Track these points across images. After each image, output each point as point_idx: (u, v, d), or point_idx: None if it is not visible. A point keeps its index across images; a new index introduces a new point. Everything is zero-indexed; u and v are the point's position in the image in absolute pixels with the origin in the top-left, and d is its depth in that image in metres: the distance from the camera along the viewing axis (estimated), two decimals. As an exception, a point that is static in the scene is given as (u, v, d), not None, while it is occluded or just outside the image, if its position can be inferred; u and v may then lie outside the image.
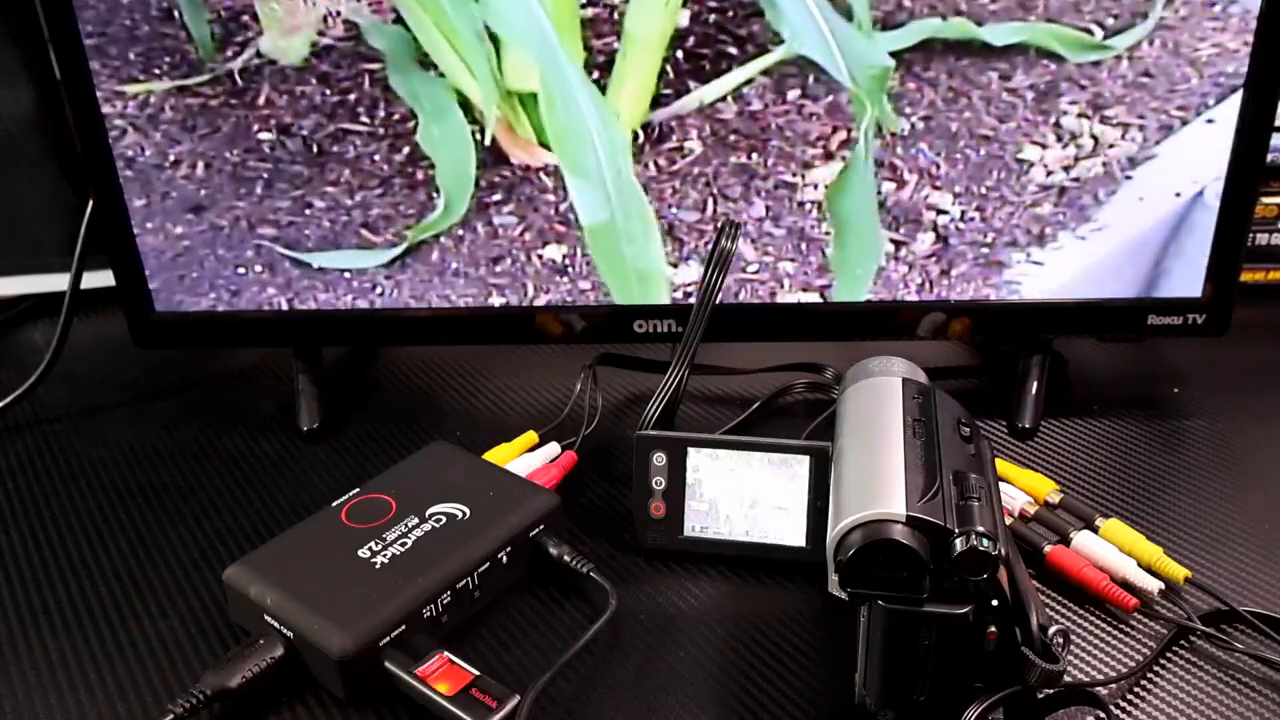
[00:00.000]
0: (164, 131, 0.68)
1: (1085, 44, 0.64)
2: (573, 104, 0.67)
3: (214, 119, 0.68)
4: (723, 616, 0.58)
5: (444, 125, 0.68)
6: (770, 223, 0.70)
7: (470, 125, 0.68)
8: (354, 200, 0.70)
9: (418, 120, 0.68)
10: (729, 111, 0.67)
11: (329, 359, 0.80)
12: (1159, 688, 0.53)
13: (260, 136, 0.68)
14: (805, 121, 0.67)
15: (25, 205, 0.87)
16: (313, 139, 0.68)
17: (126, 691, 0.54)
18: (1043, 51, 0.65)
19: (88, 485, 0.70)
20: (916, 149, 0.68)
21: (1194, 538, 0.63)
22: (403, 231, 0.71)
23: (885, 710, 0.47)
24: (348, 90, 0.67)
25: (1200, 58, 0.65)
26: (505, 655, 0.55)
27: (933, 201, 0.69)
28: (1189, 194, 0.68)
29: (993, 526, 0.45)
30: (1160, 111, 0.66)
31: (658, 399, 0.64)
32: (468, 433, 0.74)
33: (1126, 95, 0.66)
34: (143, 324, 0.73)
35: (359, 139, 0.68)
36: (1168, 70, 0.65)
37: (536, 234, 0.71)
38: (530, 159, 0.69)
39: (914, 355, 0.62)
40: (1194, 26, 0.64)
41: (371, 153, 0.69)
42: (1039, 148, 0.67)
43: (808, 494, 0.59)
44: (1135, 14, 0.64)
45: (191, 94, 0.67)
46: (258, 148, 0.69)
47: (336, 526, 0.58)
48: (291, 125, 0.68)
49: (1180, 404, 0.76)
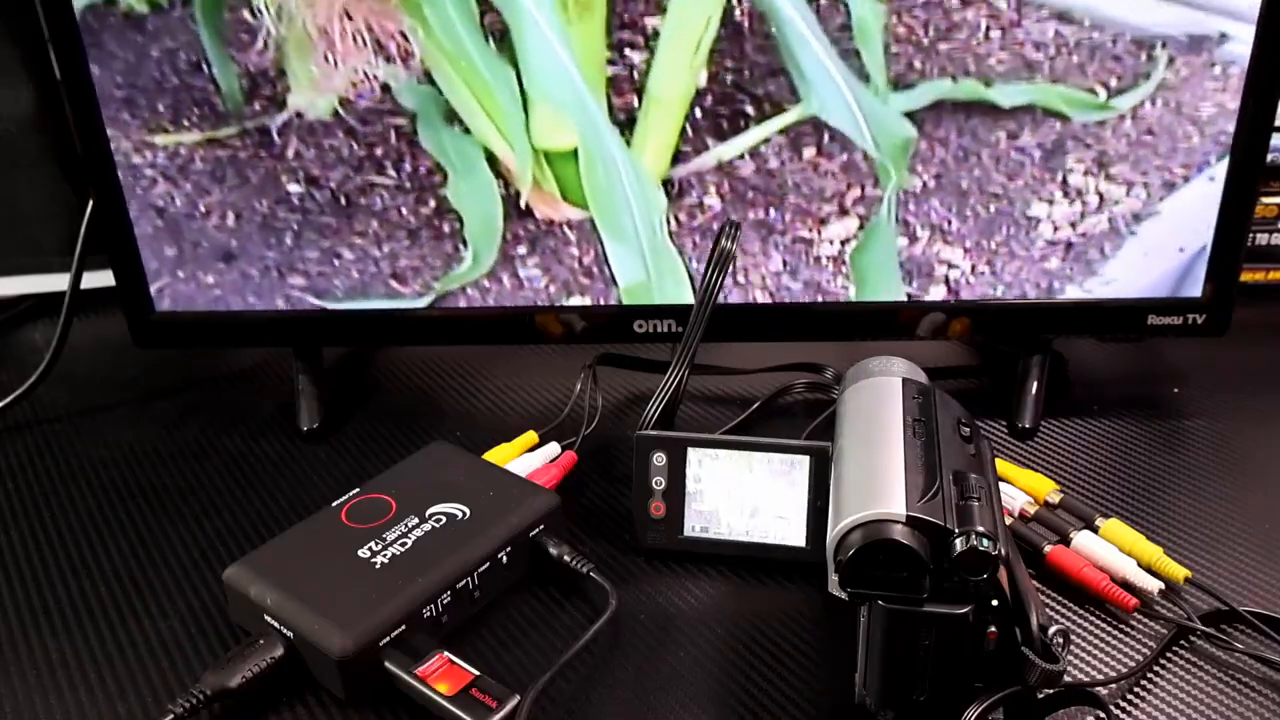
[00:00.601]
0: (194, 182, 0.69)
1: (1090, 104, 0.66)
2: (611, 166, 0.68)
3: (243, 170, 0.69)
4: (723, 616, 0.58)
5: (472, 181, 0.69)
6: (788, 276, 0.71)
7: (497, 179, 0.69)
8: (382, 251, 0.71)
9: (446, 175, 0.69)
10: (747, 168, 0.68)
11: (329, 359, 0.80)
12: (1159, 688, 0.53)
13: (289, 188, 0.69)
14: (821, 179, 0.68)
15: (25, 205, 0.87)
16: (341, 191, 0.69)
17: (126, 691, 0.54)
18: (1049, 111, 0.66)
19: (88, 485, 0.70)
20: (929, 205, 0.69)
21: (1194, 538, 0.63)
22: (430, 282, 0.72)
23: (885, 710, 0.47)
24: (374, 144, 0.68)
25: (1201, 116, 0.66)
26: (505, 655, 0.55)
27: (944, 256, 0.70)
28: (1192, 249, 0.69)
29: (993, 526, 0.45)
30: (1163, 169, 0.67)
31: (658, 399, 0.64)
32: (468, 433, 0.74)
33: (1130, 153, 0.67)
34: (143, 324, 0.73)
35: (386, 192, 0.69)
36: (1170, 129, 0.66)
37: (561, 285, 0.72)
38: (554, 214, 0.70)
39: (914, 355, 0.62)
40: (1195, 86, 0.65)
41: (399, 205, 0.70)
42: (1046, 204, 0.69)
43: (808, 494, 0.59)
44: (1138, 75, 0.65)
45: (221, 145, 0.68)
46: (287, 199, 0.70)
47: (336, 526, 0.58)
48: (319, 177, 0.69)
49: (1180, 404, 0.76)
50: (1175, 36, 0.64)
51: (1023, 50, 0.64)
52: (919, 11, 0.63)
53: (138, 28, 0.65)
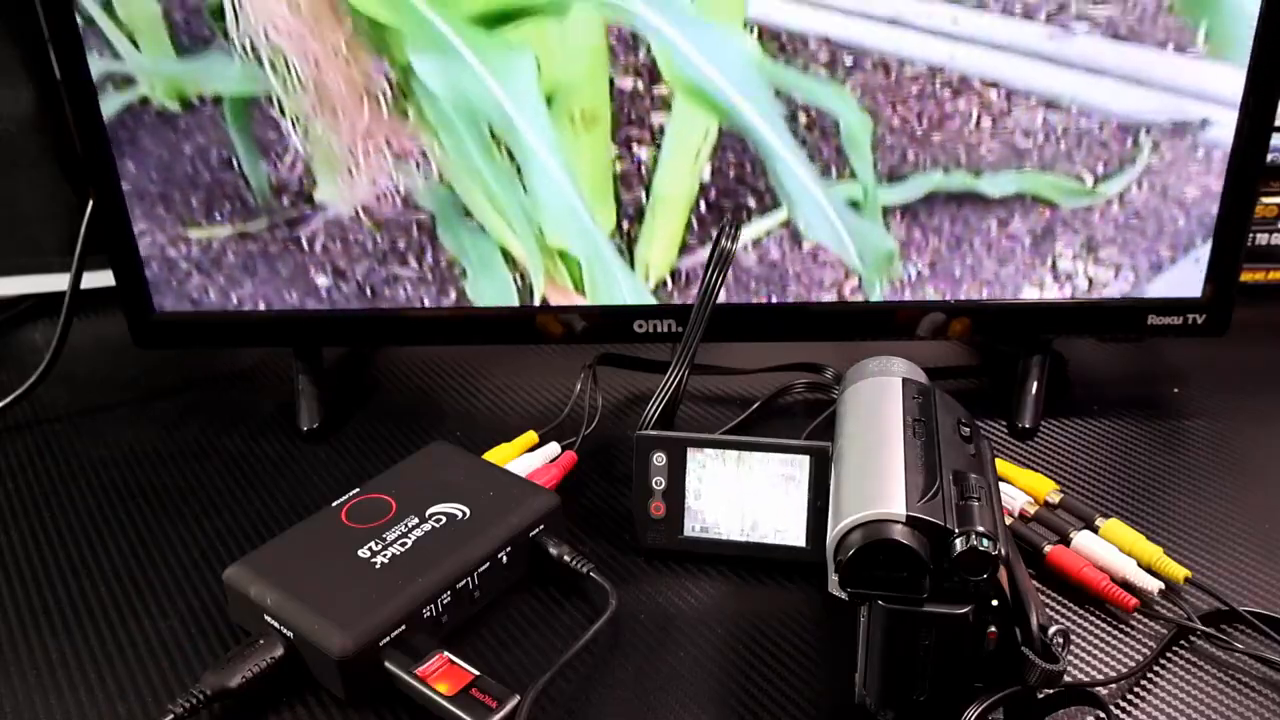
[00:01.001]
0: (227, 275, 0.71)
1: (1078, 191, 0.67)
2: (614, 282, 0.71)
3: (273, 263, 0.71)
4: (723, 616, 0.58)
5: (490, 277, 0.71)
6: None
7: (513, 273, 0.71)
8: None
9: (465, 271, 0.71)
10: (749, 259, 0.70)
11: (329, 359, 0.80)
12: (1159, 688, 0.53)
13: (317, 281, 0.71)
14: (820, 269, 0.70)
15: (25, 205, 0.87)
16: (366, 283, 0.71)
17: (126, 691, 0.54)
18: (1039, 199, 0.68)
19: (88, 485, 0.70)
20: (922, 293, 0.71)
21: (1194, 538, 0.63)
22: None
23: (885, 710, 0.47)
24: (397, 237, 0.70)
25: (1186, 199, 0.67)
26: (505, 655, 0.55)
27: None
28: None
29: (993, 526, 0.45)
30: (1150, 251, 0.69)
31: (658, 399, 0.64)
32: (468, 433, 0.74)
33: (1118, 237, 0.68)
34: (143, 324, 0.73)
35: (409, 283, 0.71)
36: (1156, 212, 0.68)
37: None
38: (567, 303, 0.72)
39: (914, 355, 0.62)
40: (1179, 170, 0.66)
41: (421, 296, 0.72)
42: (1037, 288, 0.70)
43: (808, 494, 0.59)
44: (1124, 160, 0.66)
45: (252, 239, 0.70)
46: (315, 291, 0.72)
47: (336, 526, 0.58)
48: (346, 270, 0.71)
49: (1180, 404, 0.76)
50: (1159, 122, 0.65)
51: (1013, 138, 0.66)
52: (913, 103, 0.65)
53: (170, 124, 0.67)
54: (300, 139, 0.67)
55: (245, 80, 0.66)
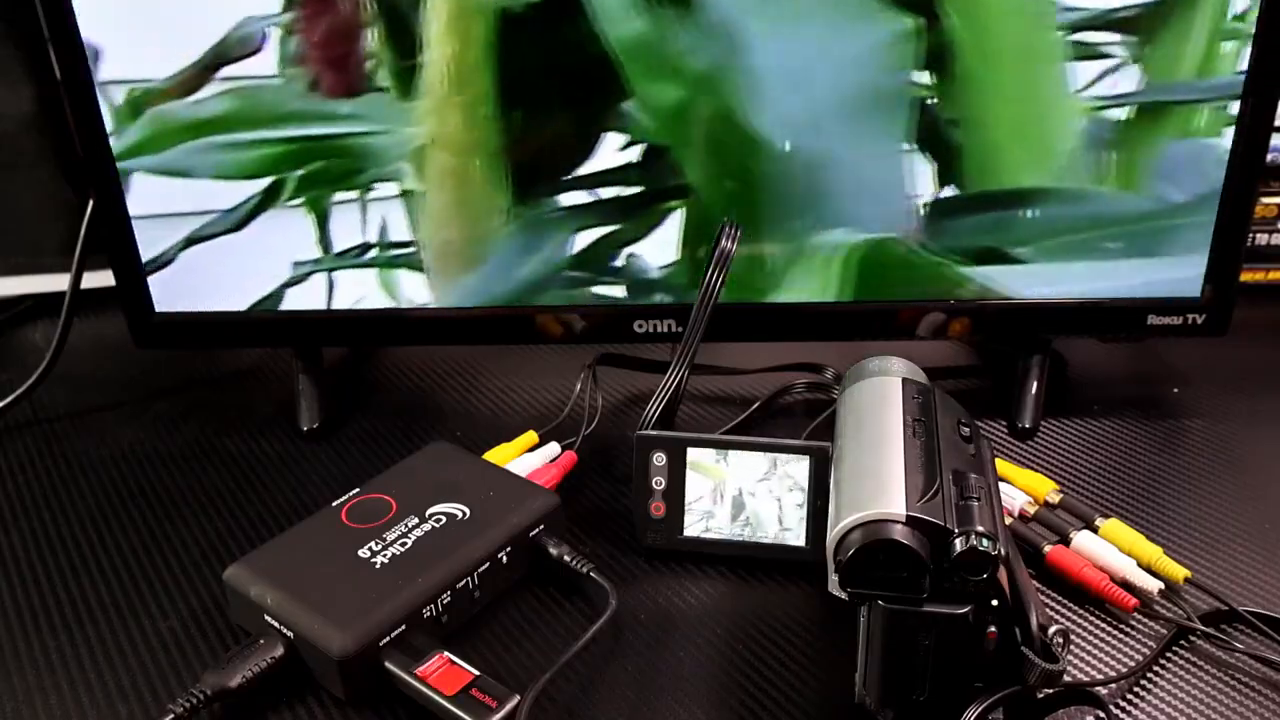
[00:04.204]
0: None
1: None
2: None
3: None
4: (723, 616, 0.58)
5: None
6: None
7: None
8: None
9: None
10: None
11: (329, 359, 0.79)
12: (1159, 688, 0.53)
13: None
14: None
15: (25, 205, 0.87)
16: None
17: (126, 691, 0.54)
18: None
19: (88, 485, 0.70)
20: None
21: (1194, 538, 0.63)
22: None
23: (885, 710, 0.47)
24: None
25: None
26: (505, 655, 0.55)
27: None
28: None
29: (993, 526, 0.45)
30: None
31: (658, 399, 0.64)
32: (468, 433, 0.74)
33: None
34: (143, 324, 0.73)
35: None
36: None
37: None
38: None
39: (914, 355, 0.62)
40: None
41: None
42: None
43: (808, 494, 0.59)
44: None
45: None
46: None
47: (336, 526, 0.58)
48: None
49: (1180, 404, 0.76)
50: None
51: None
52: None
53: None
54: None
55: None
